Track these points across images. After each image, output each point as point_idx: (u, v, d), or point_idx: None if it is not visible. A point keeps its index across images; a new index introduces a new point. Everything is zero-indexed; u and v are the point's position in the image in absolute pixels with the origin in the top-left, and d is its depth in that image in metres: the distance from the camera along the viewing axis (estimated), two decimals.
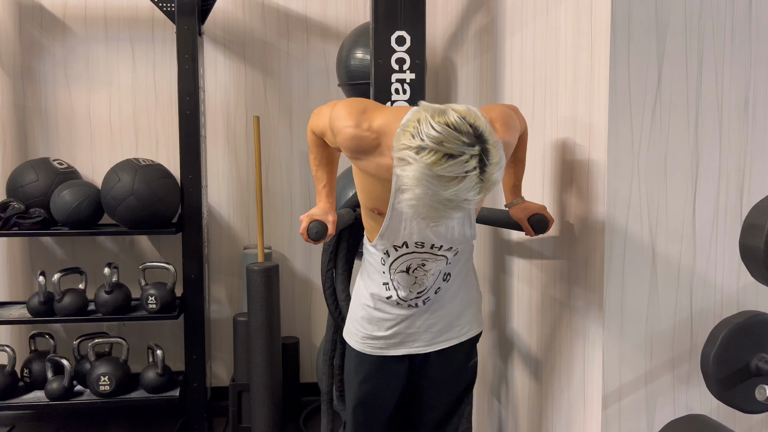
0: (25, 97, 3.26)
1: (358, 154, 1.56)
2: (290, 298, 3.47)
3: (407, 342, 1.79)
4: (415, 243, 1.65)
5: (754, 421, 1.70)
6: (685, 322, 1.65)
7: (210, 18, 3.23)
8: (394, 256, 1.69)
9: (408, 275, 1.71)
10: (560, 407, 1.90)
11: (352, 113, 1.55)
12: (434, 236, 1.63)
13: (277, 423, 2.91)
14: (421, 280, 1.72)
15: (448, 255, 1.70)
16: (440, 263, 1.71)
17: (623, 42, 1.56)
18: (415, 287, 1.73)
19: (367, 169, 1.58)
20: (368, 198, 1.66)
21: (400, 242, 1.65)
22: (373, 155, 1.54)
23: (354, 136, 1.54)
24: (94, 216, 2.96)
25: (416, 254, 1.67)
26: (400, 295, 1.74)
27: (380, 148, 1.53)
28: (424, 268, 1.70)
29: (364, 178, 1.63)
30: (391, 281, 1.74)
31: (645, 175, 1.59)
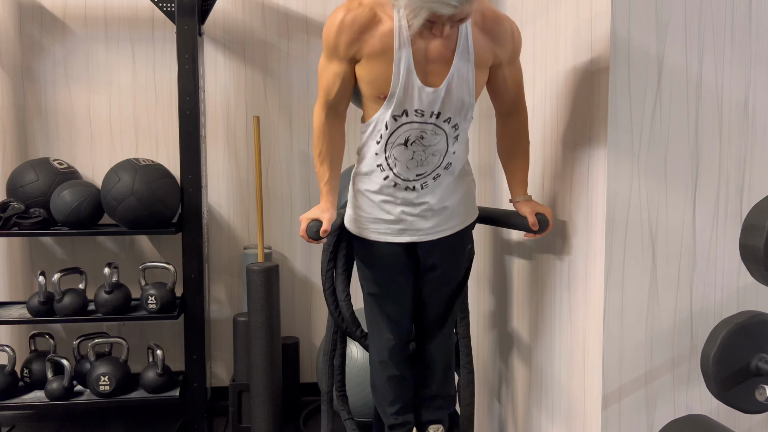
0: (25, 97, 3.26)
1: (361, 34, 1.64)
2: (290, 298, 3.47)
3: (409, 230, 1.85)
4: (415, 111, 1.69)
5: (754, 421, 1.70)
6: (685, 322, 1.65)
7: (210, 18, 3.23)
8: (392, 127, 1.71)
9: (406, 148, 1.74)
10: (560, 407, 1.90)
11: (337, 10, 1.66)
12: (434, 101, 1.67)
13: (277, 423, 2.91)
14: (420, 156, 1.74)
15: (446, 128, 1.73)
16: (440, 139, 1.74)
17: (623, 42, 1.56)
18: (414, 165, 1.76)
19: (374, 48, 1.64)
20: (374, 86, 1.70)
21: (400, 110, 1.69)
22: (374, 28, 1.63)
23: (351, 18, 1.63)
24: (94, 216, 2.96)
25: (416, 123, 1.70)
26: (397, 172, 1.77)
27: (377, 17, 1.63)
28: (423, 141, 1.73)
29: (370, 67, 1.68)
30: (386, 159, 1.76)
31: (645, 175, 1.59)
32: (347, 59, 1.69)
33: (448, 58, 1.65)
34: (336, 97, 1.77)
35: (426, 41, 1.64)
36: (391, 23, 1.63)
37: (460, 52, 1.66)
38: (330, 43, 1.69)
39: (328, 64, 1.73)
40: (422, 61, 1.65)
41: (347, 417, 2.17)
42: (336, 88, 1.75)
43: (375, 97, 1.71)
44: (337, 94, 1.76)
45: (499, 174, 2.41)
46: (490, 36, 1.70)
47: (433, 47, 1.65)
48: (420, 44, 1.64)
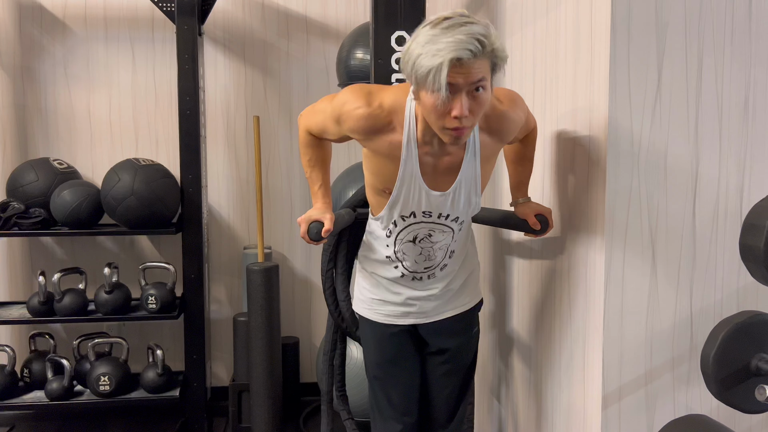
0: (25, 97, 3.26)
1: (371, 134, 1.59)
2: (290, 298, 3.47)
3: (413, 314, 1.84)
4: (422, 212, 1.67)
5: (754, 421, 1.70)
6: (685, 322, 1.65)
7: (210, 18, 3.23)
8: (401, 226, 1.71)
9: (414, 245, 1.73)
10: (560, 407, 1.90)
11: (359, 96, 1.59)
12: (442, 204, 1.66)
13: (277, 423, 2.91)
14: (428, 252, 1.74)
15: (453, 227, 1.72)
16: (447, 236, 1.73)
17: (623, 42, 1.56)
18: (422, 260, 1.76)
19: (380, 149, 1.61)
20: (379, 180, 1.67)
21: (408, 212, 1.67)
22: (385, 133, 1.58)
23: (367, 115, 1.57)
24: (94, 216, 2.96)
25: (423, 224, 1.70)
26: (406, 266, 1.78)
27: (392, 125, 1.58)
28: (431, 239, 1.72)
29: (375, 160, 1.65)
30: (395, 253, 1.76)
31: (645, 175, 1.59)
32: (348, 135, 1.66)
33: (455, 169, 1.63)
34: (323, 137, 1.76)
35: (435, 159, 1.60)
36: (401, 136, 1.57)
37: (467, 162, 1.62)
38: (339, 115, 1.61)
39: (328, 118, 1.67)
40: (430, 173, 1.62)
41: (347, 417, 2.17)
42: (328, 137, 1.73)
43: (380, 190, 1.69)
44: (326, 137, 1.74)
45: (499, 176, 2.41)
46: (497, 135, 1.65)
47: (442, 164, 1.61)
48: (428, 161, 1.60)
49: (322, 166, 1.84)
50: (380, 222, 1.75)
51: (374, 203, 1.76)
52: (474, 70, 1.38)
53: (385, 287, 1.84)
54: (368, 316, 1.89)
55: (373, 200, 1.76)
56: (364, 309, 1.91)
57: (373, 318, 1.88)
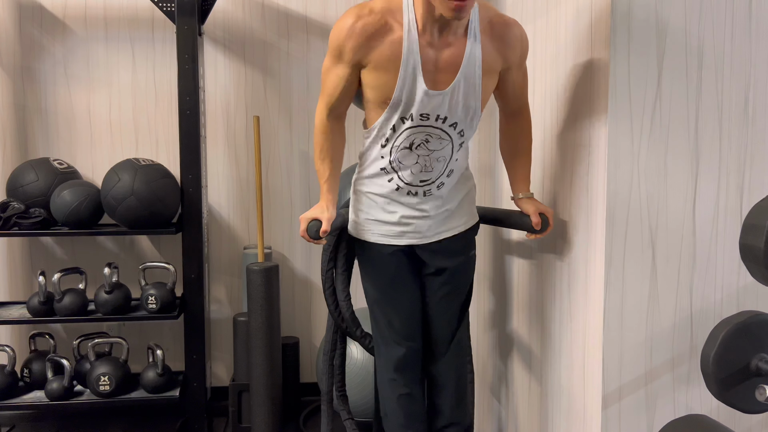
0: (25, 97, 3.26)
1: (371, 41, 1.63)
2: (290, 298, 3.47)
3: (409, 233, 1.84)
4: (420, 115, 1.68)
5: (754, 421, 1.70)
6: (685, 322, 1.65)
7: (210, 18, 3.23)
8: (398, 131, 1.71)
9: (411, 152, 1.73)
10: (560, 407, 1.90)
11: (347, 15, 1.65)
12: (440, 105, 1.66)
13: (277, 423, 2.91)
14: (425, 161, 1.74)
15: (452, 135, 1.71)
16: (444, 145, 1.73)
17: (623, 42, 1.56)
18: (418, 170, 1.75)
19: (383, 55, 1.63)
20: (381, 92, 1.68)
21: (406, 113, 1.68)
22: (384, 35, 1.62)
23: (361, 25, 1.61)
24: (94, 216, 2.96)
25: (421, 128, 1.70)
26: (402, 176, 1.76)
27: (388, 25, 1.62)
28: (428, 145, 1.72)
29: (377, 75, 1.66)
30: (390, 163, 1.75)
31: (645, 175, 1.59)
32: (352, 64, 1.68)
33: (456, 66, 1.65)
34: (338, 100, 1.77)
35: (436, 51, 1.64)
36: (401, 31, 1.62)
37: (468, 59, 1.65)
38: (336, 47, 1.68)
39: (332, 67, 1.72)
40: (431, 69, 1.64)
41: (347, 417, 2.17)
42: (339, 90, 1.75)
43: (380, 103, 1.70)
44: (339, 96, 1.76)
45: (499, 174, 2.41)
46: (499, 42, 1.70)
47: (443, 57, 1.64)
48: (429, 53, 1.63)
49: (332, 159, 1.84)
50: (375, 131, 1.74)
51: (372, 115, 1.75)
52: None
53: (380, 206, 1.82)
54: (363, 237, 1.88)
55: (372, 113, 1.75)
56: (359, 231, 1.89)
57: (368, 239, 1.87)
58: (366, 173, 1.83)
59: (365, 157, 1.82)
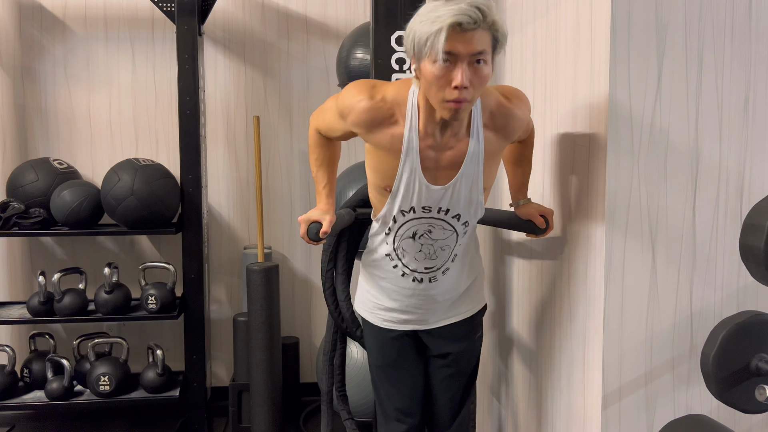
0: (25, 97, 3.26)
1: (373, 127, 1.60)
2: (290, 298, 3.47)
3: (414, 321, 1.83)
4: (422, 207, 1.66)
5: (754, 421, 1.70)
6: (685, 322, 1.65)
7: (210, 18, 3.23)
8: (400, 222, 1.70)
9: (414, 241, 1.72)
10: (560, 407, 1.90)
11: (363, 89, 1.60)
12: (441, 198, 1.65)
13: (277, 423, 2.91)
14: (428, 249, 1.73)
15: (456, 226, 1.70)
16: (448, 235, 1.72)
17: (623, 42, 1.56)
18: (422, 257, 1.74)
19: (381, 143, 1.61)
20: (381, 176, 1.67)
21: (407, 206, 1.66)
22: (387, 126, 1.59)
23: (369, 107, 1.58)
24: (94, 216, 2.96)
25: (423, 219, 1.68)
26: (406, 263, 1.76)
27: (394, 117, 1.59)
28: (431, 235, 1.71)
29: (377, 155, 1.65)
30: (394, 250, 1.75)
31: (645, 175, 1.59)
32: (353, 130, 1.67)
33: (458, 164, 1.61)
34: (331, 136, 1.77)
35: (437, 153, 1.60)
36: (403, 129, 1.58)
37: (470, 158, 1.61)
38: (342, 110, 1.63)
39: (335, 115, 1.68)
40: (432, 167, 1.61)
41: (347, 417, 2.17)
42: (335, 135, 1.74)
43: (381, 188, 1.68)
44: (333, 137, 1.76)
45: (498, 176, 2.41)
46: (502, 132, 1.64)
47: (444, 157, 1.60)
48: (430, 155, 1.59)
49: (328, 166, 1.84)
50: (380, 221, 1.75)
51: (376, 203, 1.76)
52: (474, 39, 1.39)
53: (386, 293, 1.83)
54: (369, 319, 1.89)
55: (375, 200, 1.76)
56: (365, 312, 1.90)
57: (374, 322, 1.88)
58: (373, 256, 1.83)
59: (372, 239, 1.82)
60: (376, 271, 1.83)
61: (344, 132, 1.69)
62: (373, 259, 1.83)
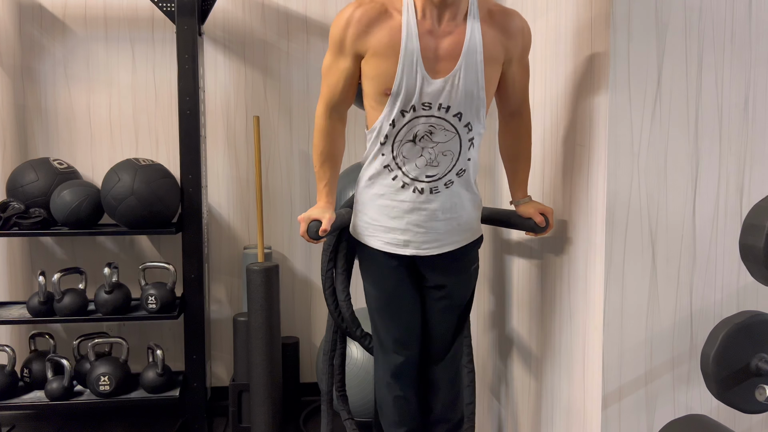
0: (25, 97, 3.26)
1: (369, 27, 1.64)
2: (290, 298, 3.47)
3: (413, 242, 1.81)
4: (422, 104, 1.66)
5: (754, 421, 1.70)
6: (685, 322, 1.65)
7: (210, 18, 3.23)
8: (399, 125, 1.69)
9: (414, 145, 1.71)
10: (560, 407, 1.90)
11: (348, 6, 1.67)
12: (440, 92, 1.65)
13: (277, 423, 2.91)
14: (429, 154, 1.71)
15: (457, 126, 1.69)
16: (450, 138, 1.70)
17: (623, 42, 1.56)
18: (423, 163, 1.72)
19: (381, 41, 1.64)
20: (379, 81, 1.68)
21: (407, 105, 1.67)
22: (383, 21, 1.64)
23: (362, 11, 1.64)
24: (94, 216, 2.96)
25: (423, 118, 1.68)
26: (406, 170, 1.73)
27: (387, 12, 1.64)
28: (432, 137, 1.70)
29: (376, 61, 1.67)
30: (394, 159, 1.73)
31: (645, 175, 1.59)
32: (353, 54, 1.68)
33: (457, 54, 1.64)
34: (340, 97, 1.76)
35: (436, 39, 1.63)
36: (400, 18, 1.63)
37: (468, 45, 1.64)
38: (337, 38, 1.69)
39: (333, 62, 1.72)
40: (431, 57, 1.63)
41: (347, 417, 2.17)
42: (341, 86, 1.74)
43: (380, 95, 1.68)
44: (341, 92, 1.75)
45: (499, 174, 2.41)
46: (500, 30, 1.69)
47: (443, 45, 1.64)
48: (429, 41, 1.63)
49: (332, 163, 1.83)
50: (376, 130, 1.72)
51: (373, 113, 1.74)
52: None
53: (385, 212, 1.79)
54: (368, 242, 1.86)
55: (371, 110, 1.74)
56: (364, 236, 1.87)
57: (372, 245, 1.85)
58: (369, 173, 1.79)
59: (369, 157, 1.79)
60: (374, 189, 1.80)
61: (350, 71, 1.71)
62: (370, 175, 1.80)
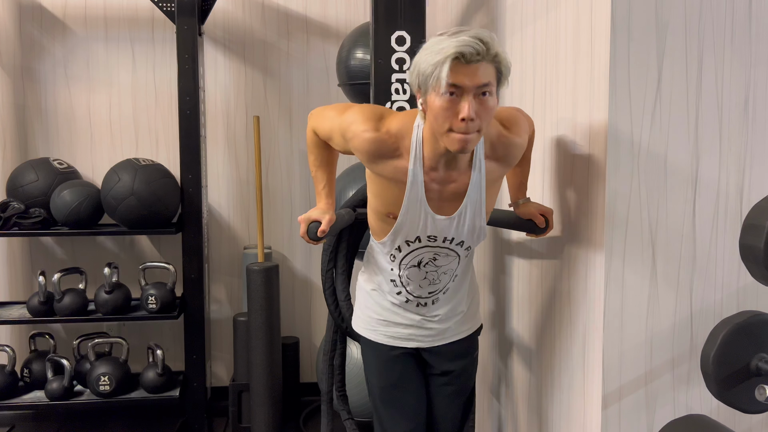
0: (25, 97, 3.26)
1: (377, 158, 1.59)
2: (290, 298, 3.47)
3: (418, 337, 1.83)
4: (428, 237, 1.67)
5: (754, 421, 1.70)
6: (685, 322, 1.65)
7: (210, 18, 3.23)
8: (405, 252, 1.70)
9: (419, 270, 1.73)
10: (560, 407, 1.90)
11: (369, 118, 1.58)
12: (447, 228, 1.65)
13: (277, 423, 2.91)
14: (432, 276, 1.74)
15: (459, 251, 1.71)
16: (451, 260, 1.73)
17: (623, 42, 1.56)
18: (426, 284, 1.75)
19: (384, 173, 1.60)
20: (383, 203, 1.66)
21: (413, 237, 1.67)
22: (391, 159, 1.58)
23: (374, 139, 1.56)
24: (94, 216, 2.96)
25: (428, 248, 1.69)
26: (410, 290, 1.77)
27: (398, 151, 1.57)
28: (436, 263, 1.72)
29: (380, 183, 1.64)
30: (399, 278, 1.75)
31: (645, 175, 1.59)
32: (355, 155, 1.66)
33: (461, 195, 1.63)
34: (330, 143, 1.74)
35: (440, 186, 1.60)
36: (407, 162, 1.57)
37: (472, 188, 1.62)
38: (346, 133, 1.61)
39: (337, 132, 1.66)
40: (435, 198, 1.62)
41: (347, 417, 2.17)
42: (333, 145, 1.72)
43: (384, 215, 1.67)
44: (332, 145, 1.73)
45: None
46: (503, 161, 1.65)
47: (448, 189, 1.62)
48: (434, 187, 1.60)
49: (327, 166, 1.83)
50: (384, 247, 1.73)
51: (377, 228, 1.73)
52: (479, 72, 1.40)
53: (389, 310, 1.82)
54: (371, 337, 1.86)
55: (375, 225, 1.74)
56: (367, 330, 1.88)
57: (376, 339, 1.86)
58: (376, 278, 1.82)
59: (375, 262, 1.81)
60: (378, 294, 1.83)
61: (344, 149, 1.68)
62: (376, 282, 1.82)
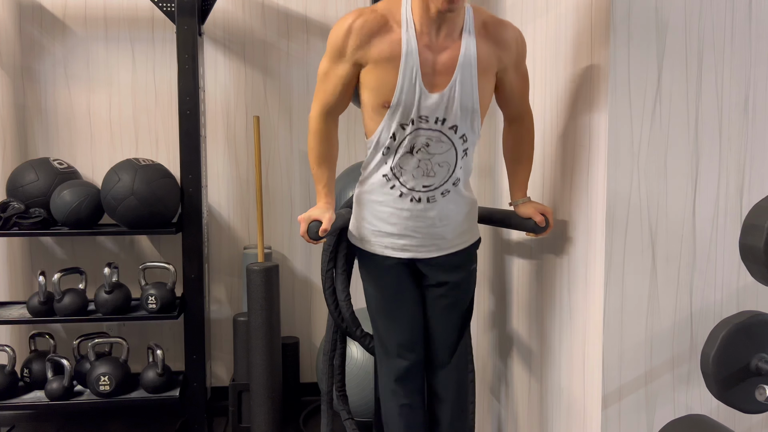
0: (25, 97, 3.26)
1: (370, 37, 1.66)
2: (290, 298, 3.47)
3: (411, 247, 1.83)
4: (419, 117, 1.69)
5: (754, 421, 1.70)
6: (685, 322, 1.65)
7: (210, 18, 3.23)
8: (399, 138, 1.72)
9: (411, 156, 1.73)
10: (560, 407, 1.90)
11: (348, 15, 1.69)
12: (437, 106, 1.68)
13: (277, 423, 2.91)
14: (426, 165, 1.74)
15: (453, 138, 1.73)
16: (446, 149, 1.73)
17: (623, 42, 1.56)
18: (420, 174, 1.75)
19: (382, 53, 1.66)
20: (379, 93, 1.70)
21: (407, 118, 1.69)
22: (384, 34, 1.66)
23: (363, 21, 1.66)
24: (94, 216, 2.96)
25: (421, 130, 1.71)
26: (403, 181, 1.76)
27: (388, 25, 1.66)
28: (428, 149, 1.73)
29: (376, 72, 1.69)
30: (392, 169, 1.76)
31: (645, 175, 1.59)
32: (353, 62, 1.70)
33: (452, 68, 1.67)
34: (336, 102, 1.77)
35: (433, 54, 1.66)
36: (400, 32, 1.65)
37: (463, 59, 1.67)
38: (337, 44, 1.70)
39: (331, 67, 1.73)
40: (429, 72, 1.67)
41: (347, 417, 2.17)
42: (338, 91, 1.75)
43: (379, 107, 1.70)
44: (337, 98, 1.77)
45: (498, 174, 2.41)
46: (494, 41, 1.72)
47: (440, 59, 1.67)
48: (427, 56, 1.66)
49: (328, 164, 1.84)
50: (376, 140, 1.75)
51: (372, 125, 1.76)
52: None
53: (383, 218, 1.82)
54: (366, 248, 1.88)
55: (370, 122, 1.76)
56: (362, 241, 1.89)
57: (371, 250, 1.87)
58: (369, 182, 1.82)
59: (367, 166, 1.82)
60: (372, 196, 1.82)
61: (348, 76, 1.72)
62: (369, 184, 1.82)
